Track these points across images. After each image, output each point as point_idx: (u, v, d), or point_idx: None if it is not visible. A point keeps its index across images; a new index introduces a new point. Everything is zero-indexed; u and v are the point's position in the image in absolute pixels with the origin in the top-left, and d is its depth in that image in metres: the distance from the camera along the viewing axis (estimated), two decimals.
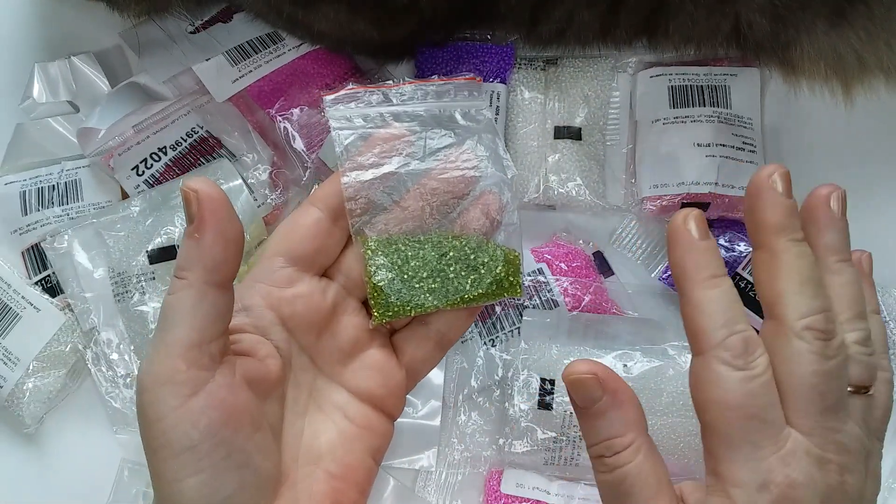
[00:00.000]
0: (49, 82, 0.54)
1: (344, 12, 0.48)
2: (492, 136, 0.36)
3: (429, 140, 0.35)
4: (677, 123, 0.50)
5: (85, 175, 0.52)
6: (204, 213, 0.30)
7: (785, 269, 0.29)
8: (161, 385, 0.30)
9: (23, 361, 0.49)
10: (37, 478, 0.51)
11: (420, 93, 0.36)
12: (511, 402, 0.47)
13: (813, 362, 0.28)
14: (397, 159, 0.34)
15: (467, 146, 0.35)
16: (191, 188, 0.30)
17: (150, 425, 0.30)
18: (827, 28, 0.46)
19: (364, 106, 0.35)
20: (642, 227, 0.51)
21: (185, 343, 0.30)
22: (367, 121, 0.35)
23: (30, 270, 0.52)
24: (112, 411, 0.49)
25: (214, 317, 0.31)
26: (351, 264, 0.36)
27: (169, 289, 0.31)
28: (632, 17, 0.48)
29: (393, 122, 0.35)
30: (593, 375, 0.30)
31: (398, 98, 0.36)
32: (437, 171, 0.35)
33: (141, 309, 0.49)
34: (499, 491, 0.46)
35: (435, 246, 0.35)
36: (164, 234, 0.49)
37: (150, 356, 0.30)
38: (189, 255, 0.30)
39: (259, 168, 0.51)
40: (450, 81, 0.36)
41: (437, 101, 0.36)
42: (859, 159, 0.51)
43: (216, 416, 0.30)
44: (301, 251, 0.34)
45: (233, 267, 0.31)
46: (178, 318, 0.30)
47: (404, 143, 0.35)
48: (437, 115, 0.36)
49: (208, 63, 0.51)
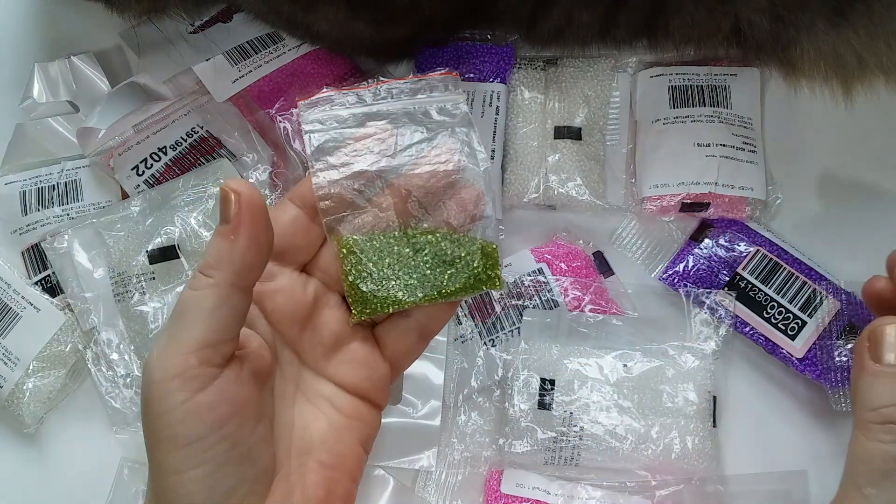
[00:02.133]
0: (49, 82, 0.54)
1: (343, 13, 0.47)
2: (466, 130, 0.36)
3: (399, 136, 0.35)
4: (677, 123, 0.50)
5: (85, 175, 0.52)
6: (243, 216, 0.30)
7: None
8: (170, 379, 0.30)
9: (23, 361, 0.49)
10: (37, 478, 0.51)
11: (395, 91, 0.36)
12: (511, 402, 0.47)
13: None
14: (368, 157, 0.35)
15: (439, 140, 0.35)
16: (233, 189, 0.30)
17: (156, 418, 0.30)
18: (827, 28, 0.46)
19: (339, 108, 0.35)
20: (642, 227, 0.51)
21: (200, 342, 0.30)
22: (341, 122, 0.35)
23: (30, 270, 0.52)
24: (112, 411, 0.49)
25: (233, 318, 0.31)
26: (329, 260, 0.36)
27: (191, 283, 0.31)
28: (631, 17, 0.48)
29: (366, 121, 0.35)
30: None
31: (372, 98, 0.36)
32: (408, 166, 0.35)
33: (141, 309, 0.49)
34: (499, 491, 0.46)
35: (410, 242, 0.35)
36: (164, 234, 0.49)
37: (162, 349, 0.30)
38: (220, 254, 0.30)
39: (259, 168, 0.51)
40: (424, 78, 0.36)
41: (412, 98, 0.36)
42: (859, 159, 0.51)
43: (224, 411, 0.30)
44: (279, 247, 0.34)
45: (259, 273, 0.31)
46: (197, 316, 0.30)
47: (375, 141, 0.35)
48: (411, 112, 0.36)
49: (208, 63, 0.51)
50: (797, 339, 0.47)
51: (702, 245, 0.49)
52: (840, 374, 0.46)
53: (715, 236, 0.49)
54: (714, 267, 0.49)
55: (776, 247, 0.49)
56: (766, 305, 0.47)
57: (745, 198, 0.49)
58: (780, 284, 0.48)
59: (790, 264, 0.48)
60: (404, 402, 0.49)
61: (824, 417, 0.48)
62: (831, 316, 0.47)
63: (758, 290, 0.48)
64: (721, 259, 0.49)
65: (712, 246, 0.49)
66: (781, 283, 0.48)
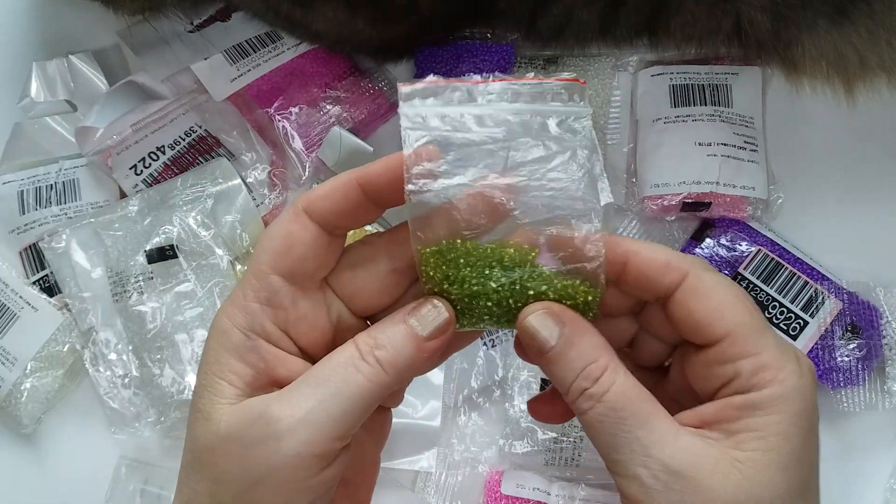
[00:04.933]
0: (47, 81, 0.53)
1: (342, 11, 0.47)
2: (588, 153, 0.30)
3: (512, 151, 0.30)
4: (678, 122, 0.50)
5: (83, 174, 0.52)
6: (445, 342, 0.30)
7: None
8: (312, 457, 0.28)
9: (20, 361, 0.49)
10: (34, 479, 0.51)
11: (511, 93, 0.31)
12: (511, 402, 0.47)
13: None
14: (472, 171, 0.30)
15: (557, 163, 0.30)
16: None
17: (279, 484, 0.28)
18: (828, 27, 0.46)
19: (443, 104, 0.30)
20: (643, 227, 0.51)
21: (350, 430, 0.29)
22: (445, 122, 0.30)
23: (27, 270, 0.51)
24: (110, 411, 0.49)
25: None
26: (347, 277, 0.32)
27: (362, 369, 0.29)
28: (632, 15, 0.48)
29: (474, 126, 0.30)
30: (546, 309, 0.30)
31: (483, 97, 0.31)
32: (518, 188, 0.30)
33: (139, 309, 0.49)
34: (499, 492, 0.46)
35: (504, 269, 0.30)
36: (163, 234, 0.49)
37: (309, 423, 0.28)
38: (406, 358, 0.30)
39: (258, 167, 0.51)
40: (547, 81, 0.31)
41: (530, 104, 0.31)
42: (862, 158, 0.51)
43: (335, 482, 0.30)
44: (301, 271, 0.31)
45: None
46: (355, 406, 0.29)
47: (483, 152, 0.30)
48: (526, 121, 0.30)
49: (207, 62, 0.51)
50: (799, 340, 0.47)
51: (703, 245, 0.49)
52: (843, 374, 0.46)
53: (716, 236, 0.49)
54: (715, 266, 0.48)
55: (778, 246, 0.49)
56: (767, 305, 0.47)
57: (746, 197, 0.49)
58: (781, 284, 0.47)
59: (792, 264, 0.48)
60: (404, 402, 0.48)
61: (827, 417, 0.47)
62: (833, 316, 0.47)
63: (759, 290, 0.48)
64: (722, 259, 0.48)
65: (713, 246, 0.49)
66: (783, 283, 0.47)
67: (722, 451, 0.28)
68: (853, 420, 0.47)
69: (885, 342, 0.47)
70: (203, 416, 0.29)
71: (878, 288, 0.48)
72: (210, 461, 0.29)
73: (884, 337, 0.47)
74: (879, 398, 0.47)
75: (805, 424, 0.28)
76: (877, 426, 0.47)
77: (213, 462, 0.29)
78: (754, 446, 0.28)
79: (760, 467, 0.28)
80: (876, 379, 0.47)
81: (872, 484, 0.47)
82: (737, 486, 0.27)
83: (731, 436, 0.28)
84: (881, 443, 0.47)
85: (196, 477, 0.30)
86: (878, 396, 0.47)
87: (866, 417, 0.47)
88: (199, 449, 0.29)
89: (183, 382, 0.48)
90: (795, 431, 0.28)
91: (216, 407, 0.29)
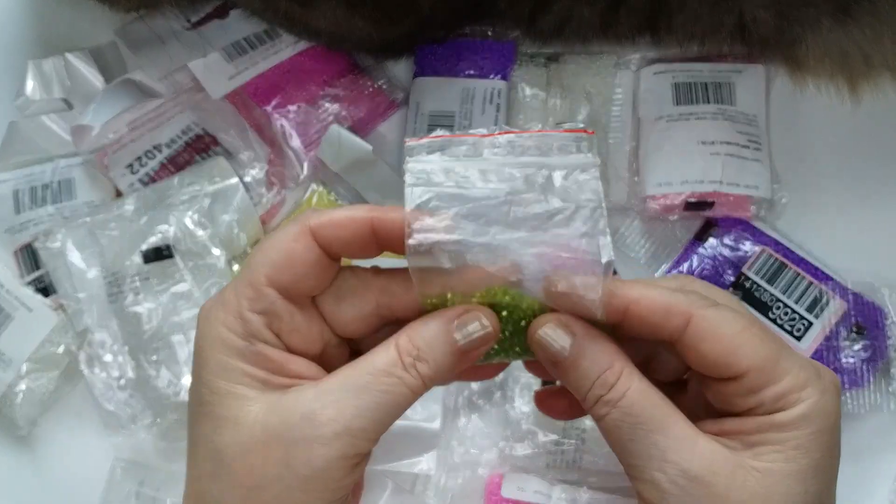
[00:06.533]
0: (43, 79, 0.53)
1: (342, 9, 0.47)
2: (592, 208, 0.30)
3: (514, 206, 0.30)
4: (681, 121, 0.50)
5: (78, 173, 0.52)
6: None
7: None
8: (348, 457, 0.29)
9: (15, 362, 0.49)
10: (30, 481, 0.50)
11: (517, 146, 0.31)
12: (512, 404, 0.46)
13: None
14: (473, 227, 0.30)
15: (560, 218, 0.30)
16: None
17: (317, 482, 0.29)
18: (832, 25, 0.45)
19: (449, 159, 0.31)
20: (646, 227, 0.51)
21: (378, 436, 0.30)
22: (449, 177, 0.30)
23: (22, 270, 0.51)
24: (105, 413, 0.49)
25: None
26: (334, 304, 0.33)
27: (405, 381, 0.29)
28: (633, 13, 0.47)
29: (478, 181, 0.30)
30: (556, 320, 0.30)
31: (489, 150, 0.31)
32: (518, 244, 0.30)
33: (135, 309, 0.48)
34: (499, 495, 0.46)
35: (510, 310, 0.31)
36: (159, 234, 0.48)
37: (350, 431, 0.29)
38: (443, 362, 0.30)
39: (255, 166, 0.51)
40: (553, 133, 0.31)
41: (537, 157, 0.31)
42: (866, 157, 0.51)
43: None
44: (297, 288, 0.31)
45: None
46: (388, 413, 0.29)
47: (486, 208, 0.30)
48: (531, 175, 0.30)
49: (204, 60, 0.51)
50: (803, 340, 0.46)
51: (706, 244, 0.49)
52: (848, 375, 0.46)
53: (720, 236, 0.49)
54: (719, 267, 0.48)
55: (782, 246, 0.48)
56: (771, 306, 0.47)
57: (750, 196, 0.49)
58: (786, 284, 0.47)
59: (796, 264, 0.48)
60: None
61: None
62: (838, 316, 0.47)
63: (763, 290, 0.47)
64: (726, 259, 0.48)
65: (717, 245, 0.48)
66: (787, 283, 0.47)
67: (740, 459, 0.28)
68: (858, 422, 0.47)
69: (890, 343, 0.47)
70: (230, 422, 0.29)
71: (883, 288, 0.48)
72: (243, 466, 0.29)
73: (889, 338, 0.47)
74: (885, 399, 0.46)
75: (826, 440, 0.29)
76: (882, 428, 0.47)
77: (248, 467, 0.29)
78: (773, 458, 0.28)
79: (778, 477, 0.28)
80: (881, 380, 0.47)
81: (878, 486, 0.47)
82: (752, 494, 0.28)
83: (750, 447, 0.29)
84: (887, 444, 0.47)
85: (221, 486, 0.29)
86: (884, 398, 0.46)
87: (871, 419, 0.47)
88: (229, 456, 0.29)
89: (179, 384, 0.47)
90: (816, 447, 0.28)
91: (245, 410, 0.29)
